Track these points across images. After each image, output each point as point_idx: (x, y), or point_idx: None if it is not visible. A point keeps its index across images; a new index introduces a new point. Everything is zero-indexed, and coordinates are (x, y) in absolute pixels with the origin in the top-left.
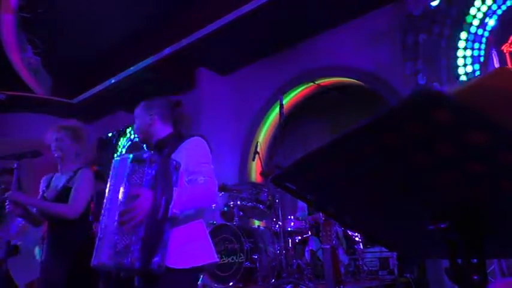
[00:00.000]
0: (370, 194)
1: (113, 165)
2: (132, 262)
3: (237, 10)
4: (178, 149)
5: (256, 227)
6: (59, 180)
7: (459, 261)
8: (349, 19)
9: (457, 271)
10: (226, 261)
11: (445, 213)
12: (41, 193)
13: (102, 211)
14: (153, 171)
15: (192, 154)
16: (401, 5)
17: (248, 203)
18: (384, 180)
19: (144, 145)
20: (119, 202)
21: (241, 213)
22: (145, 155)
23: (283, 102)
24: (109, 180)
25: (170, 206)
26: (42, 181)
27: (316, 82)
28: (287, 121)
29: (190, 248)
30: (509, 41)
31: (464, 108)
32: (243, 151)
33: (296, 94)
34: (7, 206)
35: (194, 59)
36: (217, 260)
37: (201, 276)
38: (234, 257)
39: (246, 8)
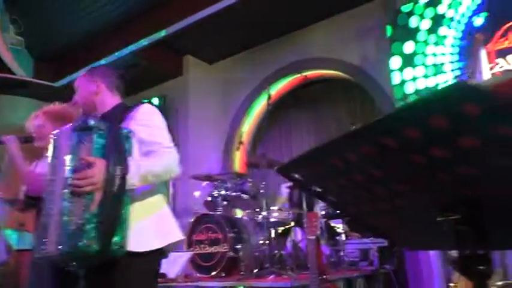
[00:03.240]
0: (381, 186)
1: (51, 141)
2: (88, 244)
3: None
4: (126, 120)
5: (240, 217)
6: None
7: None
8: (338, 12)
9: (464, 261)
10: (209, 250)
11: (455, 206)
12: None
13: (44, 196)
14: (103, 140)
15: (144, 123)
16: (389, 1)
17: (232, 192)
18: (398, 173)
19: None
20: (64, 180)
21: (225, 203)
22: (91, 122)
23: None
24: (48, 160)
25: (127, 177)
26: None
27: (303, 74)
28: (273, 112)
29: (151, 227)
30: (495, 40)
31: (497, 102)
32: (227, 140)
33: (282, 85)
34: None
35: (182, 47)
36: (183, 237)
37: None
38: (217, 247)
39: None
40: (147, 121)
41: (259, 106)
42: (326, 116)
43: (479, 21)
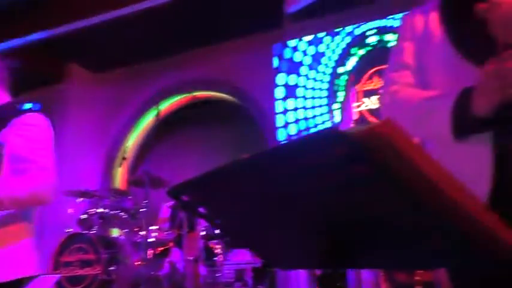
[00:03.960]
0: (261, 210)
1: None
2: None
3: (122, 8)
4: (9, 125)
5: (117, 236)
6: None
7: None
8: (233, 37)
9: (325, 278)
10: (79, 273)
11: (325, 230)
12: None
13: None
14: None
15: (25, 135)
16: (280, 33)
17: (110, 210)
18: (278, 200)
19: None
20: None
21: (101, 221)
22: None
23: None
24: None
25: None
26: None
27: (192, 93)
28: (160, 129)
29: (2, 259)
30: (363, 81)
31: (357, 146)
32: (108, 155)
33: (172, 103)
34: None
35: (65, 51)
36: (39, 272)
37: None
38: (89, 269)
39: (131, 8)
40: (26, 132)
41: (147, 122)
42: (213, 137)
43: (351, 63)
